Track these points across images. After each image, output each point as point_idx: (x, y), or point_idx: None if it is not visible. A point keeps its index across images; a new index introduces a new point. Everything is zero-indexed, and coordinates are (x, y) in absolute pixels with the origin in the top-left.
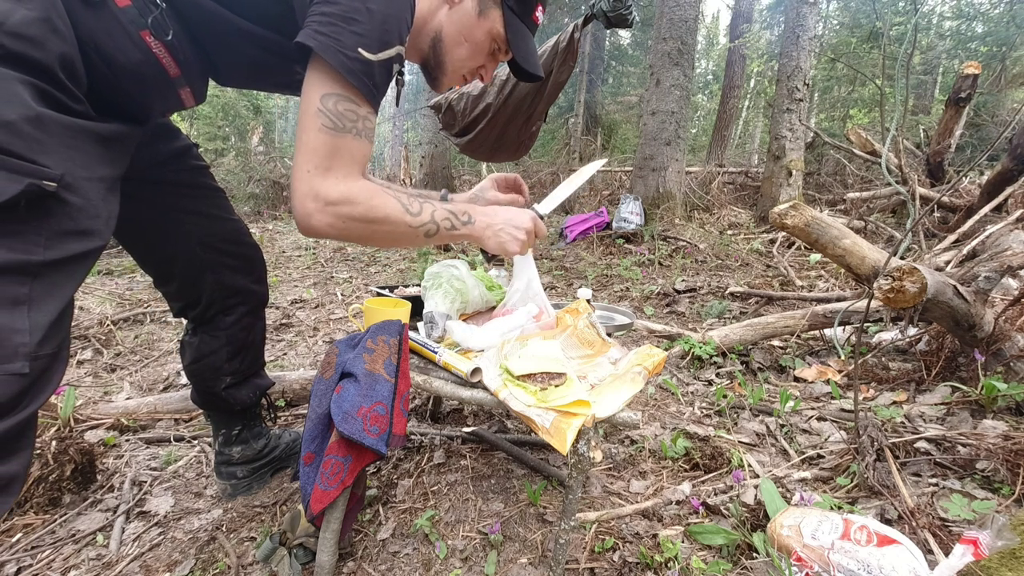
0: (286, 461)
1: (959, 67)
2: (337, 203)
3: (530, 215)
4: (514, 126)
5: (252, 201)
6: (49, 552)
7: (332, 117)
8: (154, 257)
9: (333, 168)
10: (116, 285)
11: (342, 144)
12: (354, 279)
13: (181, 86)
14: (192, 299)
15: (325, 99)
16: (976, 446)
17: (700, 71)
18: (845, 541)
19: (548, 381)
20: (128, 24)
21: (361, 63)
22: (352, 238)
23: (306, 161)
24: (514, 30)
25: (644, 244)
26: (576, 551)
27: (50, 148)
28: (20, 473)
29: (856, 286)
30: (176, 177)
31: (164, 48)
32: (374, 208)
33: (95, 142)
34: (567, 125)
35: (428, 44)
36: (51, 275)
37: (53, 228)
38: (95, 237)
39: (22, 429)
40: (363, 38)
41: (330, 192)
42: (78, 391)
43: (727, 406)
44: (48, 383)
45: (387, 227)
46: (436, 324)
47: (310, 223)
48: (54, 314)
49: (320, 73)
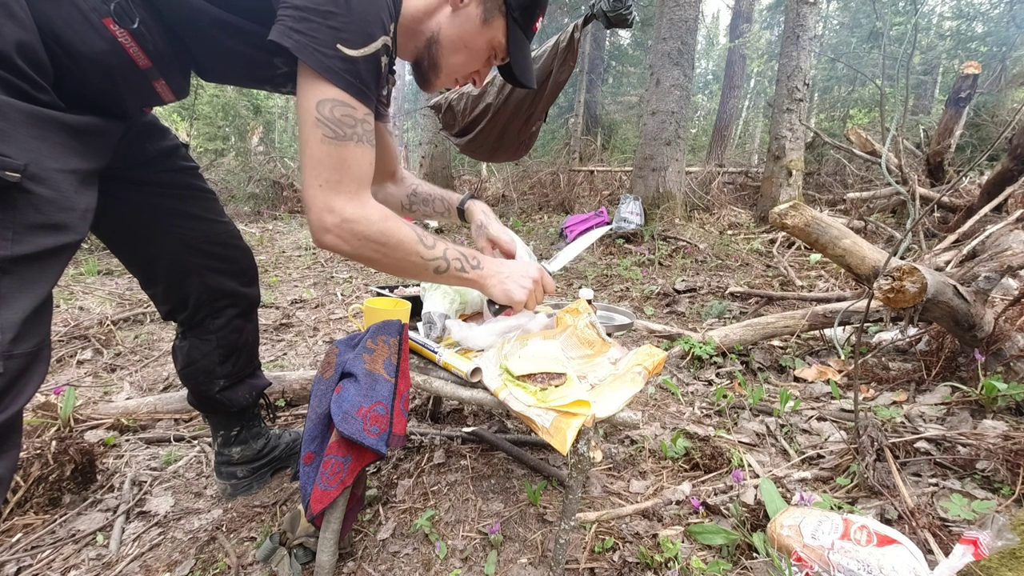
0: (286, 461)
1: (959, 67)
2: (353, 220)
3: (539, 267)
4: (514, 126)
5: (252, 201)
6: (49, 552)
7: (331, 126)
8: (138, 259)
9: (344, 182)
10: (116, 285)
11: (347, 155)
12: (354, 279)
13: (154, 78)
14: (179, 302)
15: (321, 106)
16: (976, 446)
17: (700, 71)
18: (845, 541)
19: (548, 381)
20: (89, 12)
21: (342, 61)
22: (362, 257)
23: (315, 175)
24: (515, 40)
25: (644, 244)
26: (576, 551)
27: (11, 137)
28: (6, 476)
29: (856, 286)
30: (162, 177)
31: (130, 37)
32: (387, 231)
33: (64, 133)
34: (567, 125)
35: (423, 44)
36: (21, 271)
37: (20, 221)
38: (68, 231)
39: (5, 431)
40: (341, 33)
41: (345, 208)
42: (78, 391)
43: (727, 406)
44: (28, 383)
45: (399, 253)
46: (435, 324)
47: (325, 238)
48: (27, 311)
49: (308, 78)
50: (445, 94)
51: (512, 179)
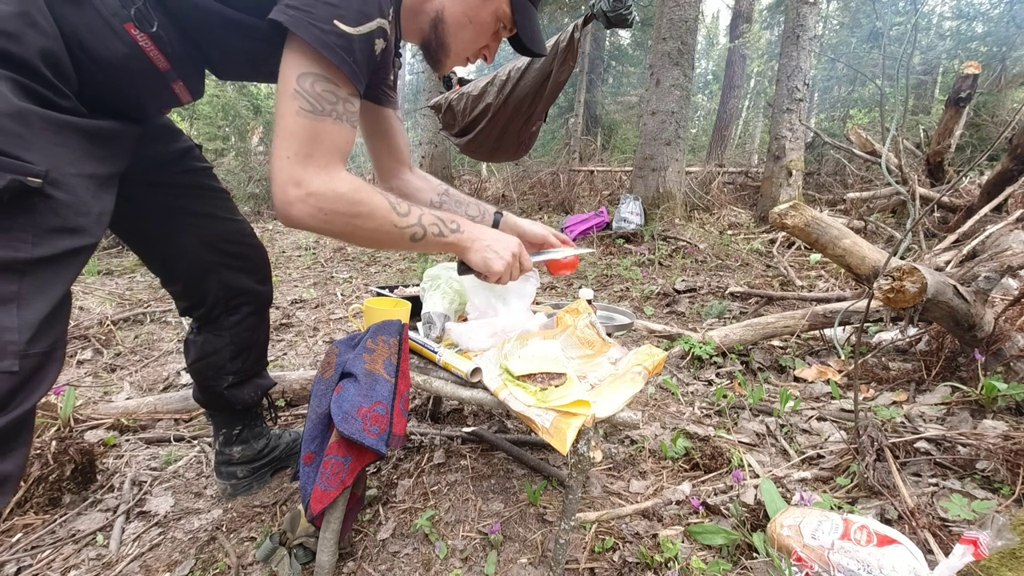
0: (286, 461)
1: (959, 67)
2: (319, 193)
3: (517, 241)
4: (514, 126)
5: (252, 201)
6: (49, 552)
7: (310, 99)
8: (159, 258)
9: (314, 155)
10: (116, 285)
11: (321, 129)
12: (354, 279)
13: (173, 80)
14: (197, 299)
15: (302, 79)
16: (976, 446)
17: (700, 71)
18: (845, 541)
19: (548, 381)
20: (110, 17)
21: (338, 36)
22: (333, 232)
23: (285, 147)
24: (520, 8)
25: (644, 244)
26: (576, 551)
27: (33, 144)
28: (15, 473)
29: (856, 286)
30: (178, 178)
31: (150, 40)
32: (359, 202)
33: (83, 138)
34: (567, 125)
35: (429, 24)
36: (40, 272)
37: (40, 225)
38: (85, 234)
39: (16, 428)
40: (338, 9)
41: (312, 180)
42: (78, 391)
43: (727, 406)
44: (42, 382)
45: (371, 224)
46: (434, 324)
47: (291, 212)
48: (44, 312)
49: (295, 52)
50: (445, 94)
51: (512, 179)
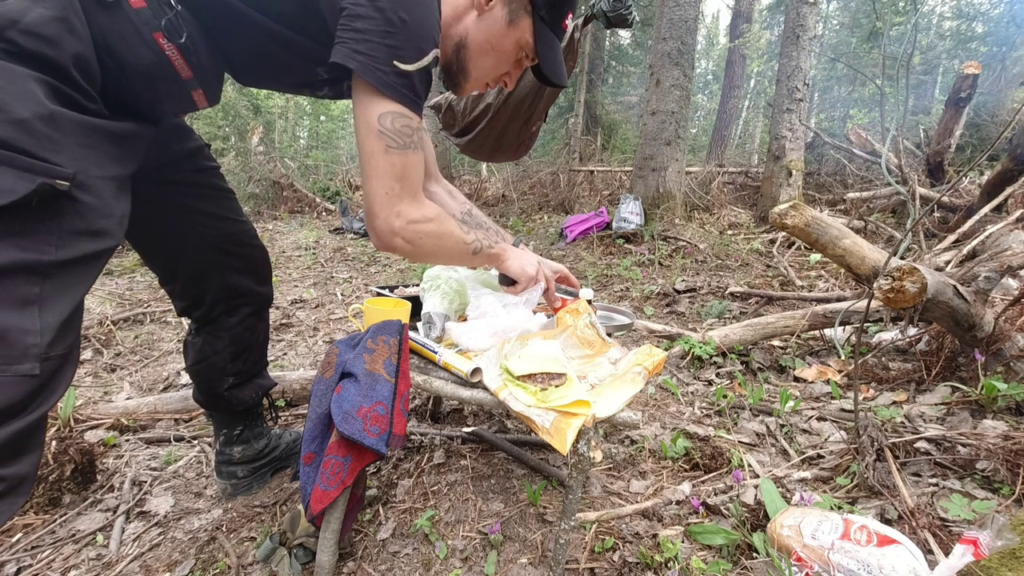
0: (286, 461)
1: (959, 67)
2: (418, 221)
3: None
4: (514, 126)
5: (252, 201)
6: (49, 552)
7: (395, 136)
8: (160, 256)
9: (406, 188)
10: (116, 285)
11: (407, 161)
12: (354, 279)
13: (194, 88)
14: (196, 299)
15: (383, 119)
16: (976, 446)
17: (700, 71)
18: (845, 541)
19: (548, 381)
20: (141, 26)
21: (399, 76)
22: (422, 253)
23: (382, 184)
24: (543, 39)
25: (644, 244)
26: (576, 551)
27: (63, 147)
28: (30, 474)
29: (856, 286)
30: (186, 177)
31: (177, 51)
32: (442, 225)
33: (109, 141)
34: (567, 125)
35: (452, 49)
36: (63, 275)
37: (65, 228)
38: (107, 237)
39: (32, 430)
40: (398, 51)
41: (410, 211)
42: (78, 391)
43: (727, 406)
44: (59, 384)
45: (451, 242)
46: (434, 324)
47: (394, 241)
48: (65, 315)
49: (367, 93)
50: (445, 94)
51: (512, 179)
